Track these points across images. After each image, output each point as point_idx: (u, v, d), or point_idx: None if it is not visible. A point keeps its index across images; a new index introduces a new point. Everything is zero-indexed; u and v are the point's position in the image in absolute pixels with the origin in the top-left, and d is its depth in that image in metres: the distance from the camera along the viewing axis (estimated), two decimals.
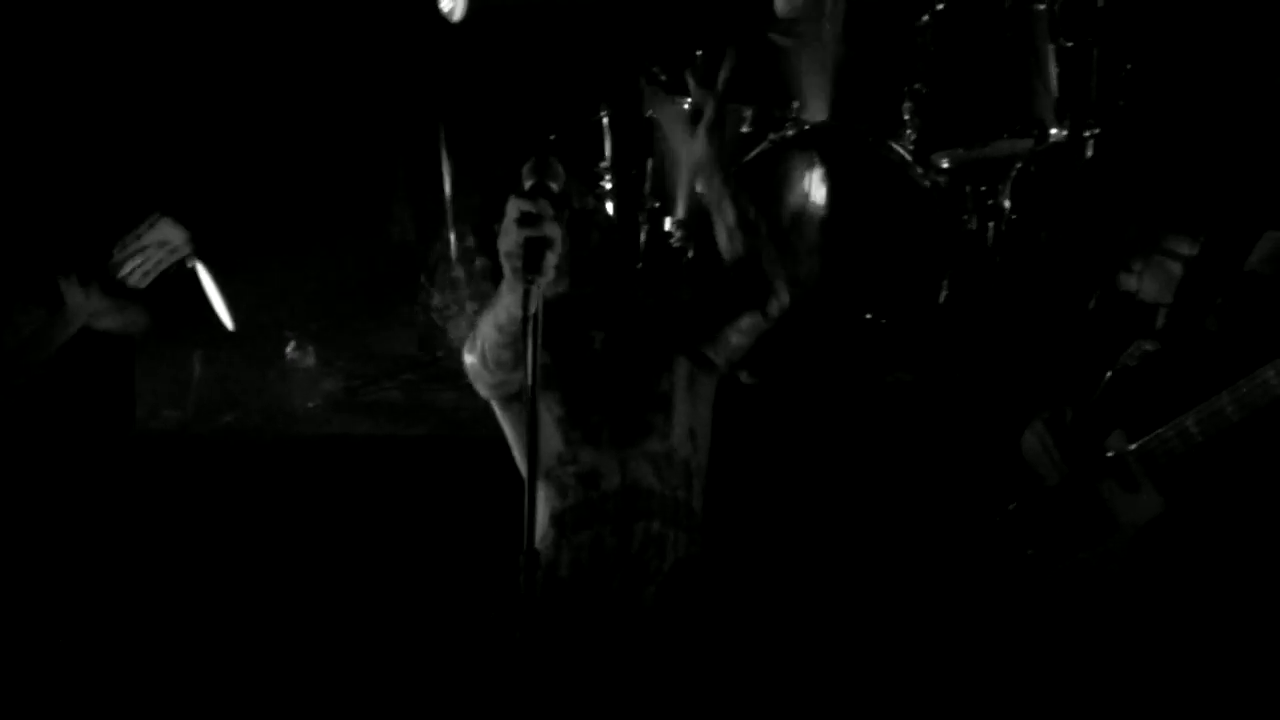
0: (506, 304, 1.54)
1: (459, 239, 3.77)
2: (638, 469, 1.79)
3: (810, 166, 3.62)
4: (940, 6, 3.98)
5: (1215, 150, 1.90)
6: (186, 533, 2.94)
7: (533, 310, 1.39)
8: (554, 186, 1.45)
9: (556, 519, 1.76)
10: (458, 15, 3.87)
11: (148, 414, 3.73)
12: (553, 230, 1.41)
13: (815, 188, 3.64)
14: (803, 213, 3.65)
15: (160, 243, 1.90)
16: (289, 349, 3.85)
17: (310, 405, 3.79)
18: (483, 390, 1.78)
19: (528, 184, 1.45)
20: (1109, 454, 1.92)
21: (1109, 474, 1.93)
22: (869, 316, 3.55)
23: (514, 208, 1.42)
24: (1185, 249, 1.90)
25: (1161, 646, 1.94)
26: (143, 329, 2.11)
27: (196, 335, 3.90)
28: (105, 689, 2.32)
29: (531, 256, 1.39)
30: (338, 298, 4.38)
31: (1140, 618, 1.95)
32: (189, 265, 1.95)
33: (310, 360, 3.84)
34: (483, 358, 1.68)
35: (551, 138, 3.80)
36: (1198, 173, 1.91)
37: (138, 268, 1.89)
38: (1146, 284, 1.93)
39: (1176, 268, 1.90)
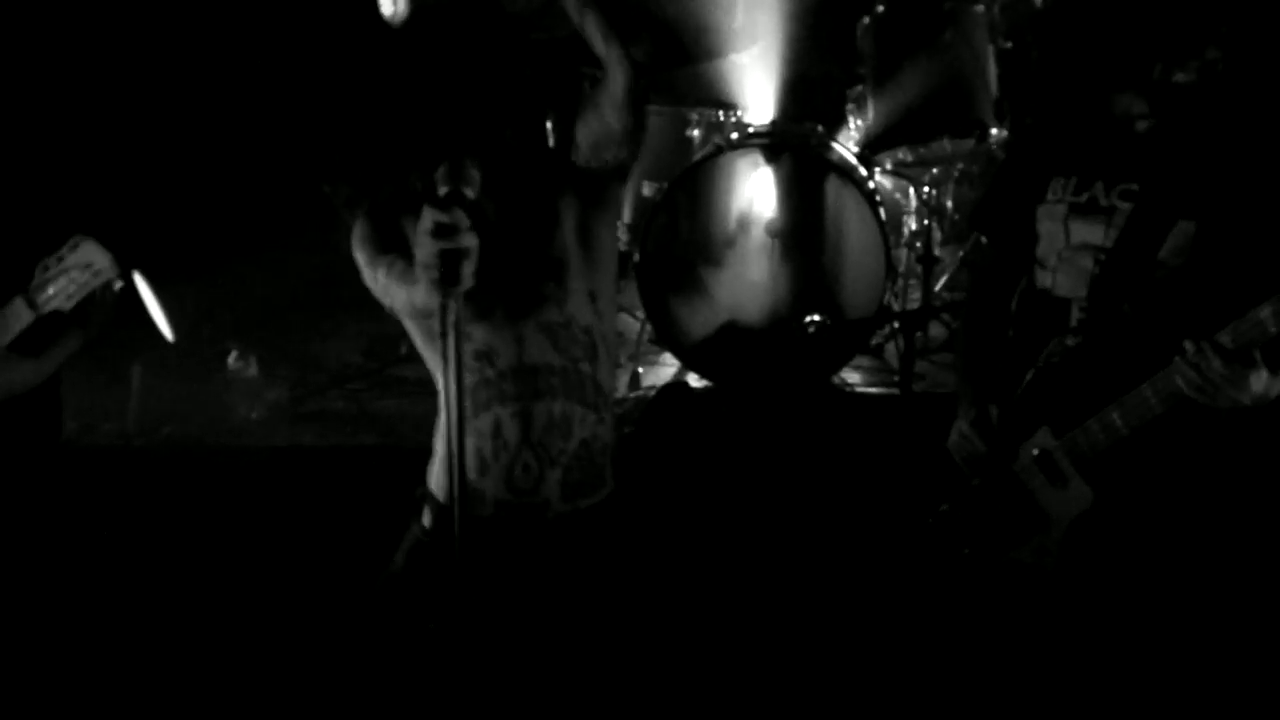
0: (424, 296, 1.46)
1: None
2: (534, 344, 1.65)
3: (754, 169, 3.63)
4: (880, 9, 4.03)
5: (1127, 143, 1.92)
6: (127, 547, 2.89)
7: (452, 322, 1.36)
8: (469, 193, 1.40)
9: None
10: (399, 19, 3.83)
11: (85, 427, 3.66)
12: (469, 240, 1.37)
13: (759, 191, 3.65)
14: (748, 215, 3.66)
15: (84, 265, 1.82)
16: (231, 359, 3.80)
17: (253, 416, 3.74)
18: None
19: (442, 191, 1.40)
20: (1036, 451, 1.95)
21: (1037, 470, 1.95)
22: (816, 319, 3.57)
23: (428, 218, 1.37)
24: (1098, 241, 1.91)
25: (1100, 640, 1.97)
26: (74, 348, 2.06)
27: (136, 346, 3.82)
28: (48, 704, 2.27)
29: (449, 268, 1.35)
30: (280, 307, 4.32)
31: (1077, 613, 1.98)
32: (114, 288, 1.88)
33: (253, 370, 3.79)
34: (387, 297, 1.61)
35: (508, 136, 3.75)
36: (1108, 164, 1.93)
37: (60, 290, 1.83)
38: (1060, 279, 1.95)
39: (1089, 262, 1.91)
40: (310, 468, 3.45)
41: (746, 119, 3.90)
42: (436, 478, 1.77)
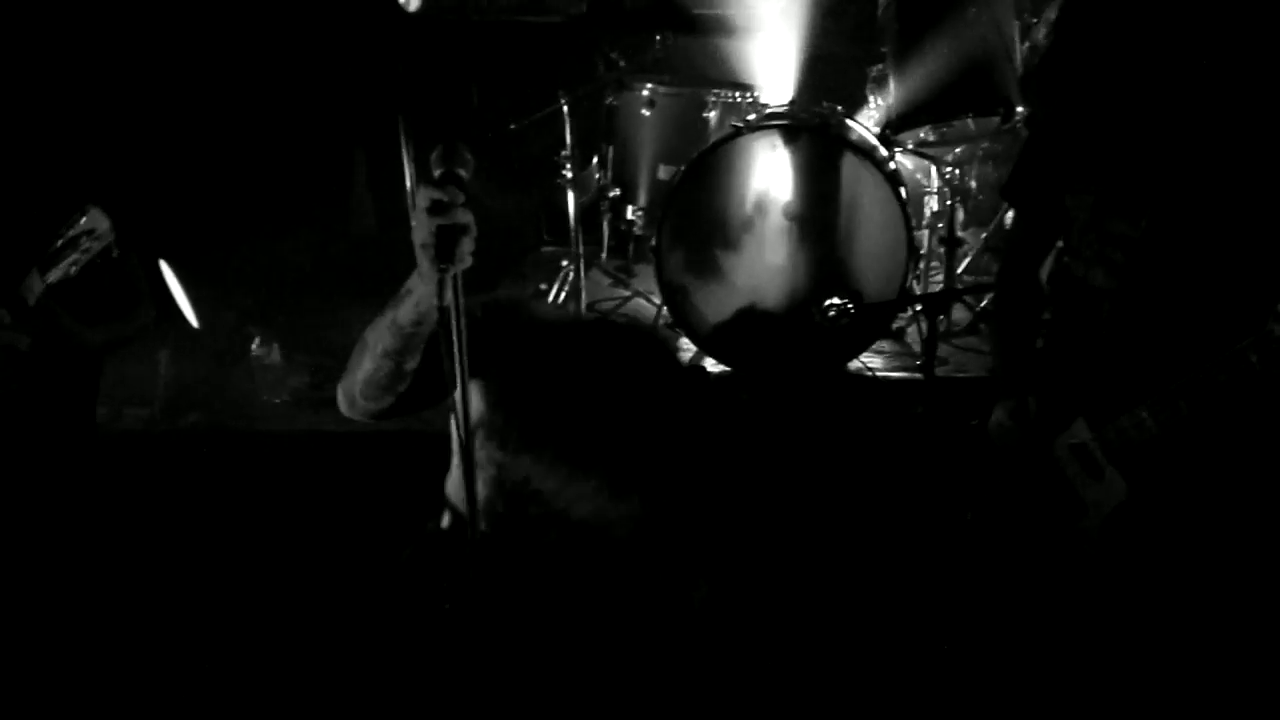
0: (415, 299, 1.49)
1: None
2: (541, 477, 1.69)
3: (771, 151, 3.58)
4: None
5: (1159, 129, 1.87)
6: (155, 531, 2.94)
7: (449, 300, 1.37)
8: (463, 174, 1.42)
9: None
10: (414, 5, 3.83)
11: (113, 413, 3.73)
12: (465, 217, 1.39)
13: (777, 173, 3.60)
14: (765, 198, 3.62)
15: (87, 231, 1.89)
16: (254, 346, 3.84)
17: (276, 402, 3.78)
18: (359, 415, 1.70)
19: (437, 172, 1.41)
20: (1072, 442, 1.93)
21: (1074, 461, 1.93)
22: (836, 303, 3.53)
23: (424, 197, 1.39)
24: (1127, 230, 1.87)
25: (1130, 634, 1.95)
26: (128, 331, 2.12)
27: (162, 334, 3.88)
28: (79, 689, 2.33)
29: (445, 245, 1.37)
30: (301, 294, 4.36)
31: (1111, 605, 1.96)
32: (114, 254, 1.91)
33: (275, 357, 3.83)
34: (354, 394, 1.62)
35: (512, 127, 3.75)
36: (1139, 152, 1.88)
37: (66, 260, 1.89)
38: (1095, 271, 1.91)
39: (1120, 254, 1.88)
40: (332, 453, 3.49)
41: (764, 100, 3.86)
42: (453, 483, 1.80)
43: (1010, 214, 4.30)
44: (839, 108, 3.82)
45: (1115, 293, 1.90)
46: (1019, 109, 3.85)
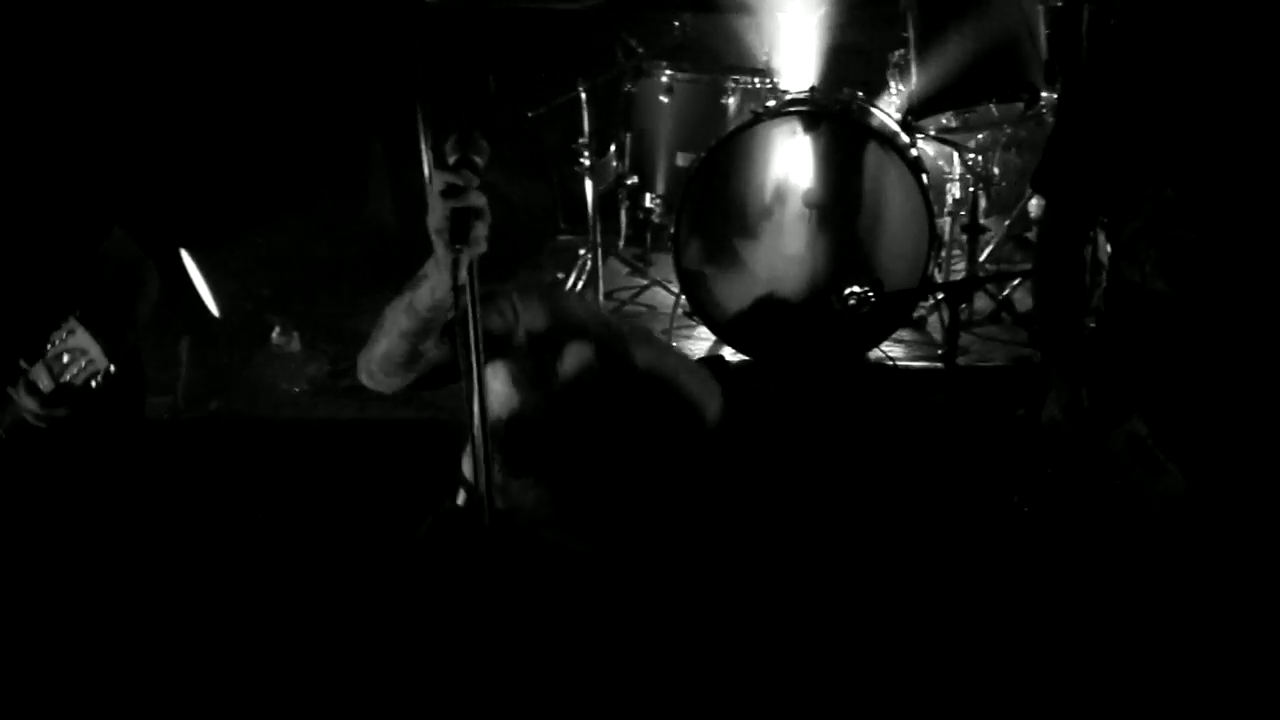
0: (431, 284, 1.52)
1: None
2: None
3: (791, 138, 3.55)
4: None
5: (1218, 127, 1.81)
6: (182, 518, 2.97)
7: (463, 280, 1.38)
8: (479, 160, 1.45)
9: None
10: None
11: None
12: (478, 200, 1.41)
13: (797, 160, 3.57)
14: (785, 185, 3.59)
15: (79, 350, 1.84)
16: (274, 334, 3.86)
17: (296, 390, 3.80)
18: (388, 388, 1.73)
19: (451, 158, 1.44)
20: (1130, 435, 1.90)
21: (1131, 456, 1.91)
22: (856, 292, 3.50)
23: (438, 181, 1.42)
24: (1185, 235, 1.83)
25: (1193, 630, 1.93)
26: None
27: (183, 322, 3.91)
28: (111, 675, 2.35)
29: (459, 227, 1.39)
30: (320, 283, 4.37)
31: (1169, 601, 1.94)
32: (109, 376, 1.88)
33: (295, 345, 3.84)
34: (372, 368, 1.65)
35: (530, 115, 3.73)
36: (1197, 152, 1.83)
37: (67, 371, 1.85)
38: (1150, 271, 1.88)
39: (1179, 260, 1.84)
40: (350, 440, 3.50)
41: (784, 86, 3.82)
42: (468, 460, 1.83)
43: (1034, 201, 4.26)
44: (860, 94, 3.77)
45: (1174, 297, 1.86)
46: (1043, 94, 3.79)
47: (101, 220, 2.16)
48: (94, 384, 1.87)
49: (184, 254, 3.91)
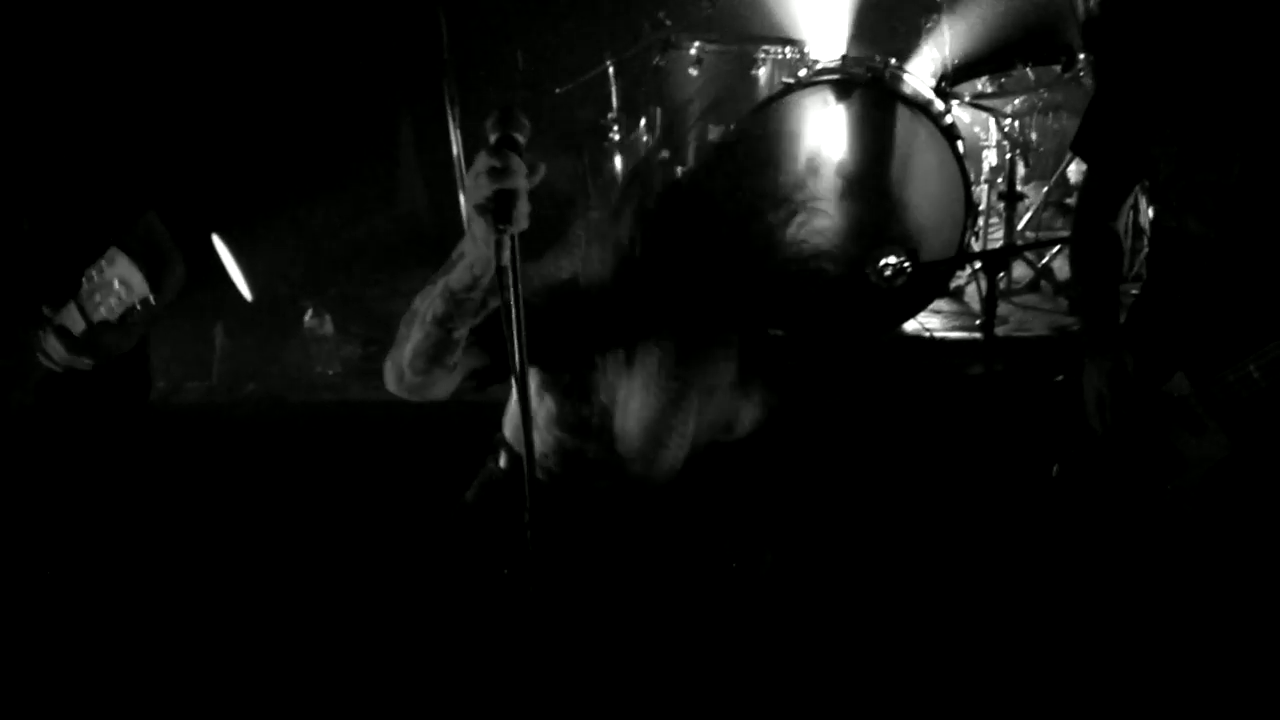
0: (469, 262, 1.51)
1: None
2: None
3: (823, 108, 3.49)
4: None
5: (1245, 71, 1.76)
6: (218, 501, 2.99)
7: (506, 260, 1.38)
8: (520, 139, 1.43)
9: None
10: None
11: (173, 387, 3.79)
12: (521, 182, 1.40)
13: (829, 130, 3.51)
14: (818, 156, 3.53)
15: (121, 280, 1.84)
16: (307, 318, 3.87)
17: (330, 373, 3.82)
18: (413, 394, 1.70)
19: (493, 138, 1.42)
20: (1172, 396, 1.87)
21: (1174, 416, 1.87)
22: (891, 262, 3.43)
23: (481, 162, 1.40)
24: (1218, 178, 1.78)
25: (1238, 594, 1.88)
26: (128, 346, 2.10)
27: (218, 307, 3.94)
28: (139, 657, 2.38)
29: (502, 208, 1.39)
30: (353, 266, 4.38)
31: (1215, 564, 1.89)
32: (152, 304, 1.88)
33: (328, 328, 3.85)
34: (403, 367, 1.63)
35: (557, 91, 3.70)
36: (1226, 96, 1.77)
37: (104, 304, 1.86)
38: (1188, 219, 1.83)
39: (1211, 202, 1.79)
40: (384, 421, 3.51)
41: (814, 55, 3.76)
42: (510, 422, 1.84)
43: (1074, 166, 4.17)
44: (892, 60, 3.70)
45: (1212, 240, 1.81)
46: (1081, 56, 3.70)
47: (136, 197, 2.17)
48: (134, 314, 1.86)
49: (217, 239, 3.93)
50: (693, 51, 3.85)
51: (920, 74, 3.78)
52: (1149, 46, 1.87)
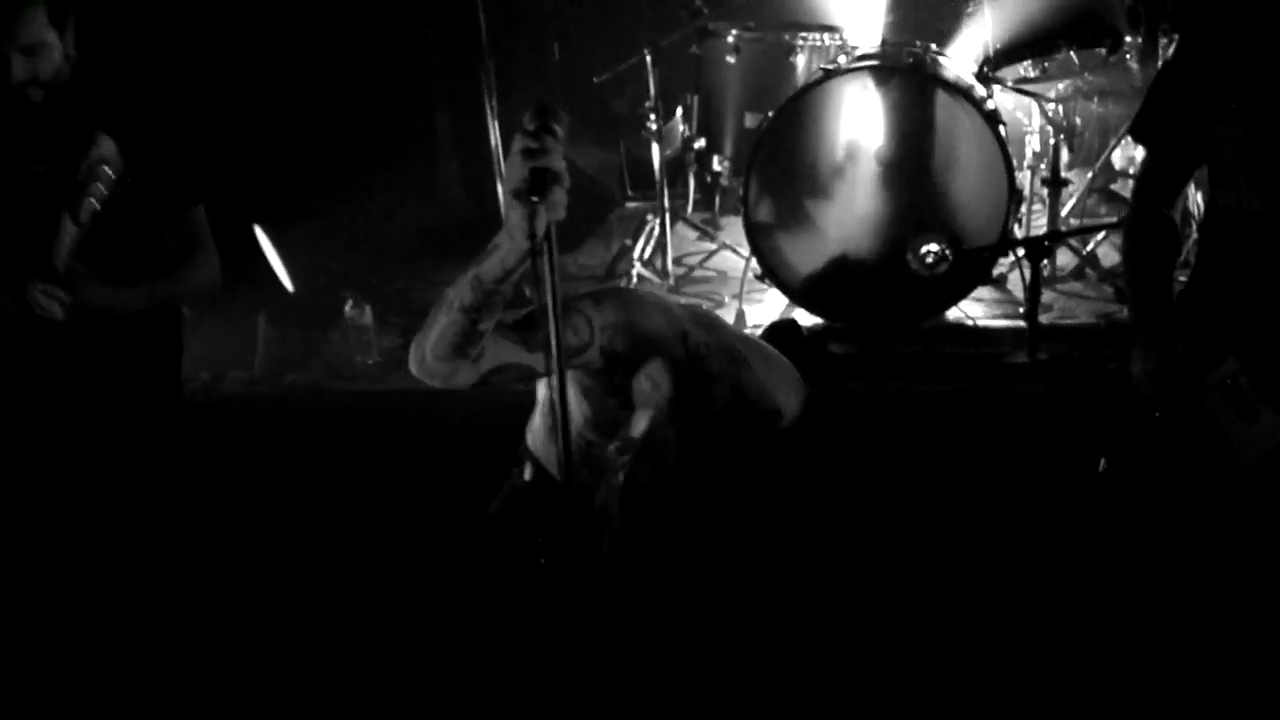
0: (502, 254, 1.52)
1: None
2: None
3: (862, 94, 3.46)
4: None
5: None
6: (258, 490, 3.03)
7: (541, 233, 1.39)
8: (558, 128, 1.45)
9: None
10: None
11: (216, 376, 3.85)
12: (559, 163, 1.42)
13: (868, 117, 3.47)
14: (857, 143, 3.50)
15: (102, 160, 1.87)
16: (347, 308, 3.91)
17: (369, 363, 3.85)
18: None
19: (531, 125, 1.44)
20: (1223, 382, 1.83)
21: (1225, 403, 1.83)
22: (933, 250, 3.40)
23: (518, 143, 1.42)
24: None
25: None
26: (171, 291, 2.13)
27: (258, 297, 3.98)
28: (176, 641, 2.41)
29: (537, 184, 1.40)
30: (392, 256, 4.41)
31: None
32: (128, 180, 1.90)
33: (367, 319, 3.89)
34: (425, 351, 1.63)
35: (595, 81, 3.70)
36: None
37: (89, 195, 1.87)
38: (1251, 199, 1.79)
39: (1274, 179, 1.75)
40: (423, 411, 3.54)
41: (853, 41, 3.72)
42: (535, 434, 1.83)
43: (1118, 152, 4.09)
44: (932, 46, 3.65)
45: (1274, 219, 1.77)
46: (1127, 39, 3.63)
47: (188, 190, 2.19)
48: (113, 187, 1.88)
49: (258, 230, 3.97)
50: (730, 39, 3.82)
51: (961, 59, 3.73)
52: (1214, 21, 1.83)
